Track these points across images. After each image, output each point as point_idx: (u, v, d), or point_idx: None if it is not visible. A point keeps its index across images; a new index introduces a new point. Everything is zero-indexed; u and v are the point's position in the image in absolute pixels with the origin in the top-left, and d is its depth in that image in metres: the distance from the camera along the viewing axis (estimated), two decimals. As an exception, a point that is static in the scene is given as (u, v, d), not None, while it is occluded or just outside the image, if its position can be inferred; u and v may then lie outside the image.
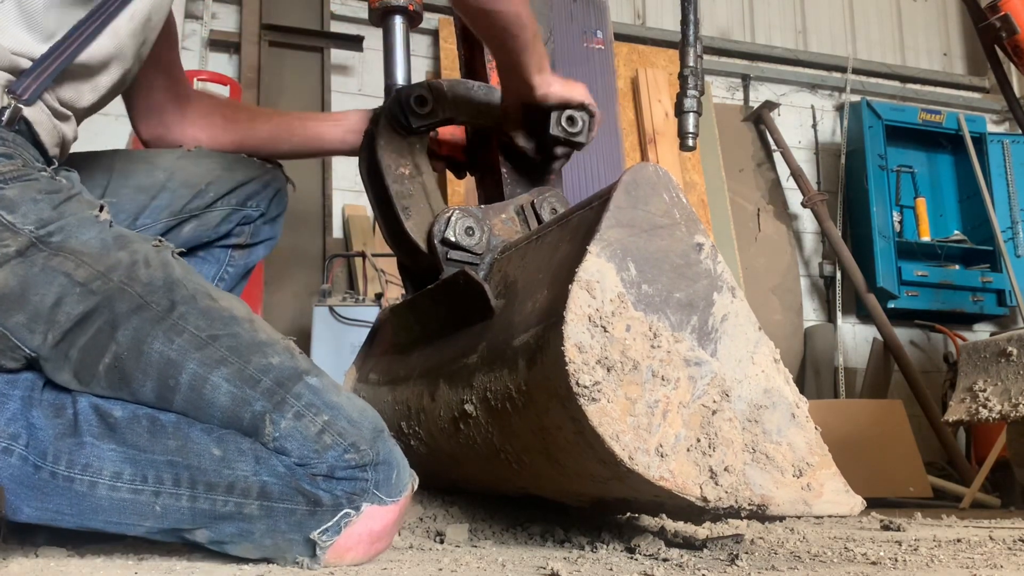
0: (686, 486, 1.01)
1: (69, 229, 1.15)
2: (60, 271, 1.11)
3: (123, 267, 1.14)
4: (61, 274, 1.11)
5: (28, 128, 1.23)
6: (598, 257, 1.05)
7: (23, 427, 1.07)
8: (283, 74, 4.26)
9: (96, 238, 1.16)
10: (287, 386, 1.09)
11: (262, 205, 1.68)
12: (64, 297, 1.10)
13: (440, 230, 1.46)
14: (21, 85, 1.20)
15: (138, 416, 1.09)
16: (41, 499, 1.06)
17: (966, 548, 1.37)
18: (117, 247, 1.16)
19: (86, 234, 1.16)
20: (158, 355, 1.09)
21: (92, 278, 1.12)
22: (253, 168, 1.68)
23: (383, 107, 1.64)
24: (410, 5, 1.68)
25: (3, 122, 1.18)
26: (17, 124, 1.20)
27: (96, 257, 1.14)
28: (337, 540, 1.07)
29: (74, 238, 1.15)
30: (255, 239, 1.70)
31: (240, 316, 1.16)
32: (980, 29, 2.79)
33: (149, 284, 1.14)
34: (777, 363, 1.12)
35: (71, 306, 1.10)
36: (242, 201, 1.64)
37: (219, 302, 1.17)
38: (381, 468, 1.09)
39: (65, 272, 1.11)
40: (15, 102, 1.19)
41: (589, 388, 0.99)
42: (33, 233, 1.12)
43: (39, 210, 1.14)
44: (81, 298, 1.11)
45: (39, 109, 1.24)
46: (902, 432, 4.00)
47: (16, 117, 1.19)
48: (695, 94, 2.22)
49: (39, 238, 1.13)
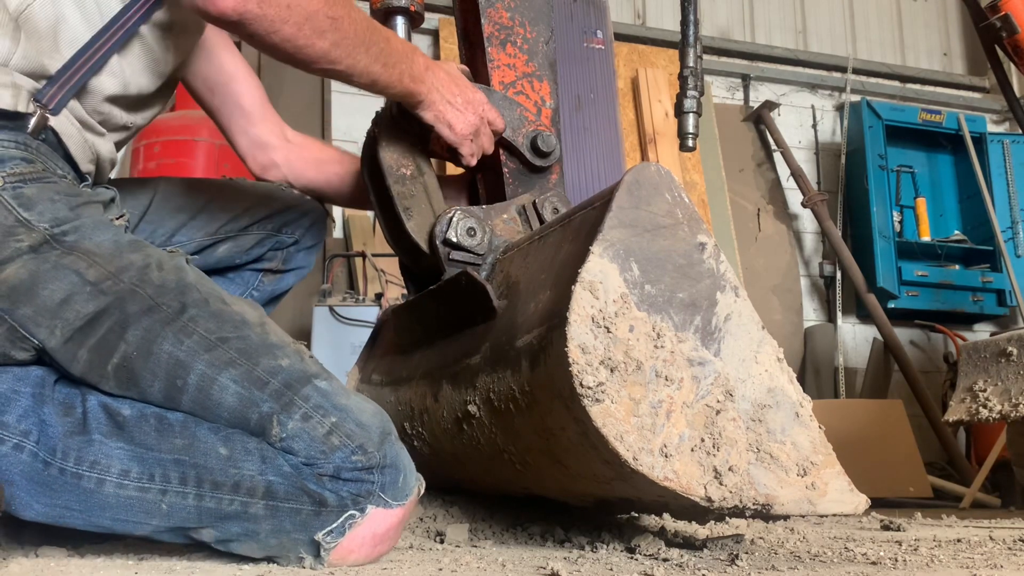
0: (690, 486, 1.01)
1: (84, 230, 1.16)
2: (71, 269, 1.12)
3: (135, 269, 1.15)
4: (72, 272, 1.12)
5: (57, 140, 1.23)
6: (601, 257, 1.05)
7: (34, 424, 1.08)
8: (283, 73, 4.25)
9: (110, 240, 1.17)
10: (295, 388, 1.09)
11: (297, 233, 1.74)
12: (74, 295, 1.11)
13: (442, 230, 1.46)
14: (46, 94, 1.19)
15: (146, 415, 1.10)
16: (50, 495, 1.07)
17: (966, 548, 1.37)
18: (130, 250, 1.17)
19: (100, 236, 1.17)
20: (167, 356, 1.10)
21: (103, 278, 1.13)
22: (293, 198, 1.73)
23: (385, 108, 1.64)
24: (412, 6, 1.67)
25: (28, 130, 1.18)
26: (43, 133, 1.20)
27: (108, 258, 1.15)
28: (341, 542, 1.07)
29: (88, 239, 1.16)
30: (287, 266, 1.74)
31: (251, 320, 1.17)
32: (980, 29, 2.79)
33: (161, 286, 1.14)
34: (781, 362, 1.12)
35: (81, 304, 1.11)
36: (278, 227, 1.69)
37: (231, 306, 1.17)
38: (388, 471, 1.09)
39: (76, 271, 1.12)
40: (40, 111, 1.18)
41: (593, 389, 0.99)
42: (48, 231, 1.13)
43: (55, 209, 1.15)
44: (91, 297, 1.11)
45: (67, 120, 1.23)
46: (902, 432, 4.00)
47: (41, 126, 1.19)
48: (695, 95, 2.22)
49: (53, 236, 1.14)
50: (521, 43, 1.70)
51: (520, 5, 1.71)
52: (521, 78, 1.69)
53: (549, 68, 1.73)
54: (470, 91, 1.48)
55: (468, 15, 1.75)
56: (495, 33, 1.68)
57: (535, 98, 1.69)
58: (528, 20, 1.72)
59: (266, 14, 1.13)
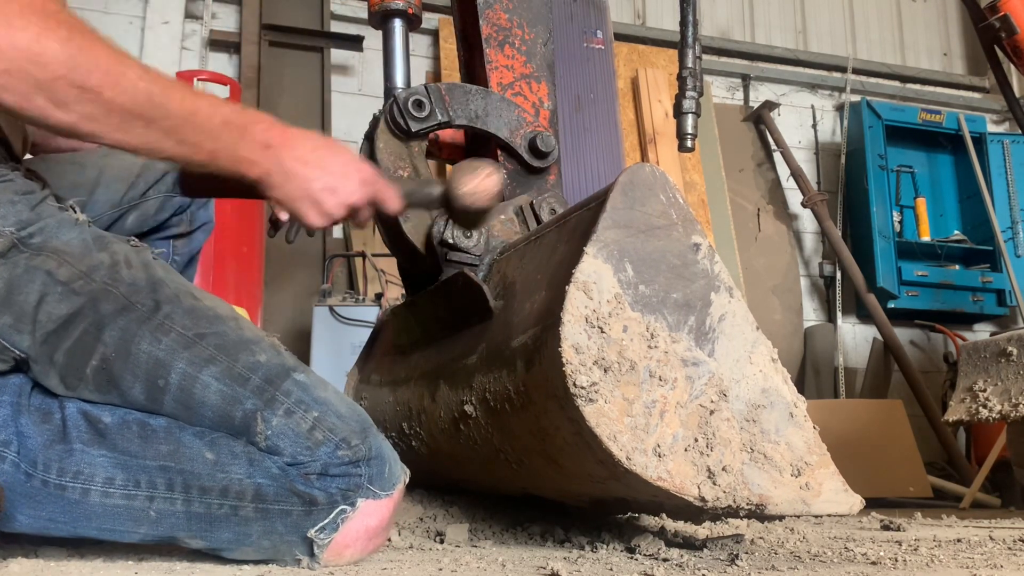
0: (684, 486, 1.02)
1: (49, 230, 1.14)
2: (42, 269, 1.10)
3: (105, 267, 1.13)
4: (43, 272, 1.10)
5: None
6: (595, 258, 1.05)
7: (13, 434, 1.06)
8: (283, 74, 4.26)
9: (77, 238, 1.15)
10: (276, 383, 1.09)
11: None
12: (46, 295, 1.09)
13: (438, 232, 1.47)
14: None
15: (128, 421, 1.09)
16: (34, 507, 1.05)
17: (966, 548, 1.38)
18: (98, 248, 1.15)
19: (67, 235, 1.15)
20: (146, 355, 1.09)
21: (74, 278, 1.11)
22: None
23: (382, 110, 1.65)
24: (409, 8, 1.68)
25: None
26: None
27: (78, 257, 1.13)
28: (335, 537, 1.07)
29: (55, 238, 1.14)
30: (193, 226, 1.70)
31: (224, 315, 1.16)
32: (980, 29, 2.79)
33: (133, 284, 1.13)
34: (775, 363, 1.12)
35: (53, 305, 1.09)
36: (170, 188, 1.62)
37: (203, 301, 1.16)
38: (374, 462, 1.09)
39: (47, 270, 1.10)
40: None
41: (586, 389, 0.99)
42: (15, 235, 1.11)
43: (17, 212, 1.13)
44: (63, 297, 1.10)
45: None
46: (902, 432, 3.99)
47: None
48: (693, 95, 2.23)
49: (20, 240, 1.11)
50: (519, 44, 1.71)
51: (518, 6, 1.72)
52: (519, 79, 1.70)
53: (547, 69, 1.73)
54: (354, 172, 1.22)
55: (466, 16, 1.76)
56: (493, 34, 1.68)
57: (533, 99, 1.70)
58: (526, 21, 1.72)
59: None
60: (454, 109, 1.61)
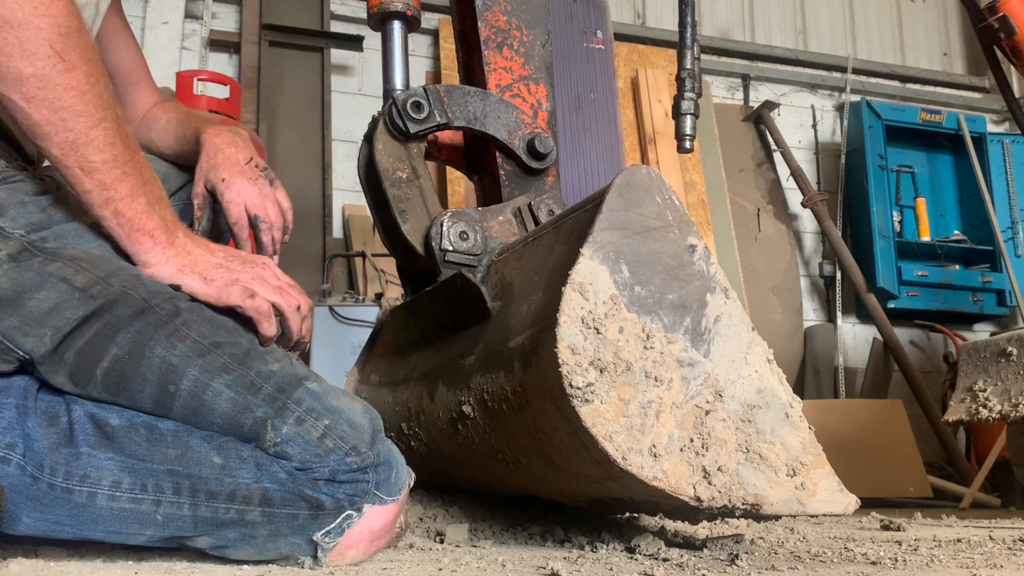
0: (679, 486, 1.02)
1: (64, 236, 1.14)
2: (58, 277, 1.10)
3: (126, 272, 1.13)
4: (59, 280, 1.10)
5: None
6: (591, 259, 1.06)
7: (19, 436, 1.05)
8: (283, 74, 4.27)
9: (96, 246, 1.15)
10: (288, 392, 1.09)
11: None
12: (63, 303, 1.09)
13: (437, 234, 1.47)
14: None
15: (135, 424, 1.08)
16: (40, 510, 1.05)
17: (966, 548, 1.38)
18: (118, 255, 1.16)
19: (86, 244, 1.15)
20: (159, 360, 1.09)
21: (92, 283, 1.11)
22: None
23: (381, 112, 1.65)
24: (408, 10, 1.68)
25: None
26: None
27: (96, 264, 1.13)
28: (339, 540, 1.08)
29: (73, 247, 1.14)
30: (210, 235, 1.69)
31: (243, 327, 1.16)
32: (979, 30, 2.79)
33: (154, 288, 1.13)
34: (771, 363, 1.13)
35: (71, 311, 1.09)
36: (189, 197, 1.62)
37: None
38: (381, 469, 1.10)
39: (64, 278, 1.10)
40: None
41: (582, 389, 1.00)
42: (24, 237, 1.11)
43: (28, 213, 1.13)
44: (81, 303, 1.10)
45: None
46: (902, 432, 4.00)
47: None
48: (692, 96, 2.23)
49: (31, 243, 1.11)
50: (518, 46, 1.71)
51: (517, 8, 1.72)
52: (518, 81, 1.70)
53: (546, 71, 1.74)
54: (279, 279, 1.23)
55: (465, 18, 1.76)
56: (492, 36, 1.69)
57: (532, 101, 1.70)
58: (525, 23, 1.73)
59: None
60: (453, 111, 1.62)
